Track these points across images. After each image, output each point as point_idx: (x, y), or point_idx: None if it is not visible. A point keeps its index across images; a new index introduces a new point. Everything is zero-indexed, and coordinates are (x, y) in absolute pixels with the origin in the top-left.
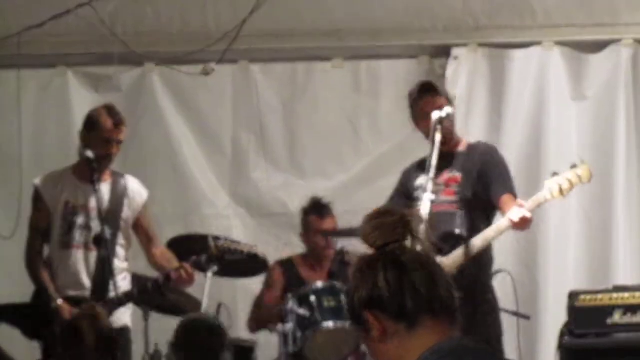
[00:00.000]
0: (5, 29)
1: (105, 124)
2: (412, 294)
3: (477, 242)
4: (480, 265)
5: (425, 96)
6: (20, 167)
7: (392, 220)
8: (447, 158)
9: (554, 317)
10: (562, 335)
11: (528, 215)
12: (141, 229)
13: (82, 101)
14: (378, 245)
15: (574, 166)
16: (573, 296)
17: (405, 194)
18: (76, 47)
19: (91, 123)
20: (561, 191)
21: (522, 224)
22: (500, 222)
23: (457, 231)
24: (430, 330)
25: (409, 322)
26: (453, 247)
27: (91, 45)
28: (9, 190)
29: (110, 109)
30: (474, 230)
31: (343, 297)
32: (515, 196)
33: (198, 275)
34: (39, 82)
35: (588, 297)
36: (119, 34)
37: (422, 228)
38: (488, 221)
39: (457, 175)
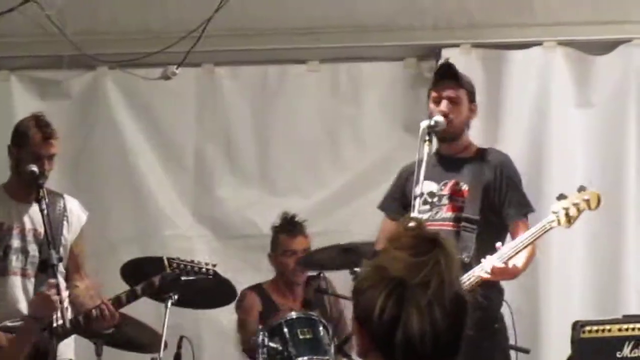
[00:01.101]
0: None
1: (33, 138)
2: (403, 340)
3: (465, 280)
4: (489, 293)
5: (441, 80)
6: None
7: (423, 261)
8: (453, 164)
9: (556, 351)
10: None
11: (498, 265)
12: (72, 256)
13: (26, 109)
14: (395, 276)
15: (581, 189)
16: (578, 327)
17: (403, 198)
18: (20, 49)
19: (19, 137)
20: (569, 219)
21: (498, 276)
22: (474, 270)
23: (459, 256)
24: None
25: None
26: None
27: (37, 46)
28: None
29: (38, 120)
30: (479, 255)
31: (320, 329)
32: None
33: (157, 305)
34: None
35: (595, 327)
36: (68, 33)
37: (451, 269)
38: (491, 245)
39: (464, 188)
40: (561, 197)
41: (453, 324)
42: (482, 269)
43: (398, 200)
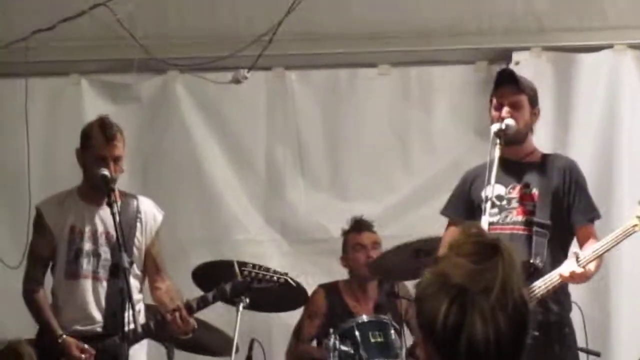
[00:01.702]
0: (12, 33)
1: (96, 140)
2: (467, 347)
3: (540, 284)
4: (560, 298)
5: (501, 86)
6: (28, 188)
7: (485, 267)
8: (518, 168)
9: (626, 354)
10: None
11: (578, 270)
12: (150, 257)
13: (96, 113)
14: (456, 283)
15: None
16: None
17: (468, 202)
18: (91, 53)
19: (84, 139)
20: None
21: (575, 280)
22: (552, 274)
23: (532, 260)
24: None
25: None
26: (528, 278)
27: (107, 50)
28: (16, 215)
29: (102, 122)
30: (550, 261)
31: (392, 332)
32: (593, 222)
33: (228, 309)
34: (48, 92)
35: None
36: (139, 37)
37: (511, 276)
38: (564, 252)
39: (534, 192)
40: None
41: (516, 330)
42: (561, 273)
43: (462, 205)
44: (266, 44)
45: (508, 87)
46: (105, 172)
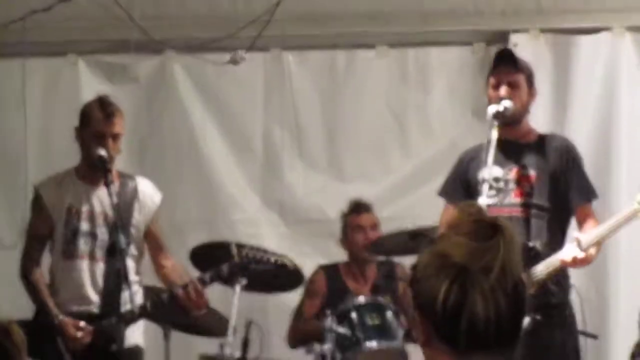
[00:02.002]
0: (8, 14)
1: (96, 117)
2: (469, 331)
3: (541, 268)
4: (560, 281)
5: (500, 66)
6: (26, 168)
7: (485, 246)
8: (515, 149)
9: (624, 336)
10: (633, 356)
11: (580, 255)
12: (151, 237)
13: (93, 93)
14: (457, 262)
15: None
16: None
17: (465, 183)
18: (88, 33)
19: (83, 117)
20: None
21: (577, 264)
22: (552, 258)
23: (531, 244)
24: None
25: (457, 351)
26: (528, 262)
27: (105, 30)
28: (13, 195)
29: (101, 100)
30: (549, 244)
31: (389, 314)
32: (590, 202)
33: (225, 290)
34: (46, 72)
35: None
36: (136, 18)
37: (511, 254)
38: (562, 234)
39: (532, 173)
40: None
41: (515, 309)
42: (562, 259)
43: (459, 186)
44: (264, 24)
45: (506, 66)
46: (103, 152)
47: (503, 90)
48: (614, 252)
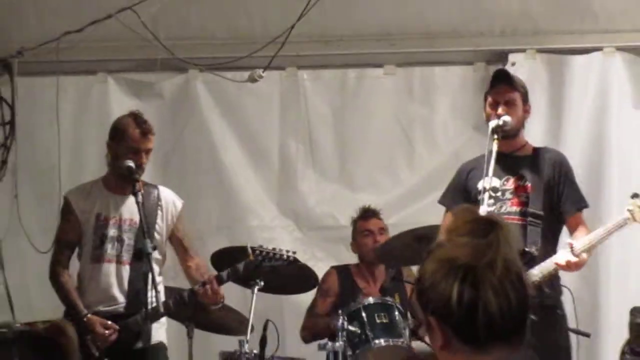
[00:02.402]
0: (44, 35)
1: (132, 134)
2: (485, 320)
3: (536, 272)
4: (553, 282)
5: (497, 85)
6: (59, 178)
7: (486, 220)
8: (512, 161)
9: (615, 335)
10: (623, 353)
11: (573, 259)
12: (176, 240)
13: (123, 109)
14: (463, 262)
15: None
16: (635, 312)
17: (464, 192)
18: (117, 53)
19: (118, 133)
20: None
21: (571, 268)
22: (547, 262)
23: (528, 249)
24: (499, 353)
25: (478, 347)
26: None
27: (132, 50)
28: (47, 203)
29: (136, 117)
30: (543, 249)
31: (396, 314)
32: (581, 211)
33: (244, 291)
34: (78, 89)
35: None
36: (162, 39)
37: (510, 249)
38: (555, 240)
39: (527, 184)
40: (635, 195)
41: (522, 299)
42: (557, 262)
43: (459, 196)
44: (280, 45)
45: (503, 85)
46: (131, 163)
47: (501, 109)
48: (605, 255)
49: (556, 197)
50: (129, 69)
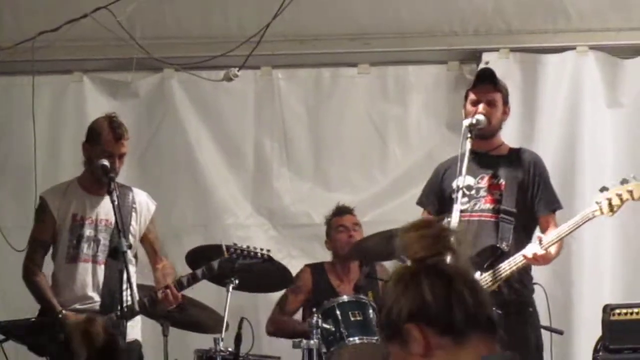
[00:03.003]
0: (20, 34)
1: (106, 138)
2: (461, 307)
3: (504, 266)
4: (523, 279)
5: (481, 83)
6: (35, 178)
7: (434, 232)
8: (488, 160)
9: (588, 332)
10: (596, 350)
11: (540, 252)
12: (147, 242)
13: (98, 108)
14: (419, 257)
15: (624, 181)
16: (608, 310)
17: (440, 192)
18: (93, 52)
19: (93, 135)
20: (611, 208)
21: (538, 261)
22: (516, 256)
23: (498, 245)
24: (478, 344)
25: (457, 336)
26: (494, 262)
27: (108, 50)
28: (23, 202)
29: (112, 121)
30: (515, 246)
31: (370, 311)
32: (554, 213)
33: (219, 290)
34: (53, 89)
35: (624, 310)
36: (137, 38)
37: (461, 243)
38: (528, 238)
39: (501, 182)
40: (603, 189)
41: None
42: (524, 254)
43: (434, 196)
44: (255, 44)
45: (487, 85)
46: (105, 162)
47: (481, 107)
48: (578, 252)
49: (530, 198)
50: (105, 69)
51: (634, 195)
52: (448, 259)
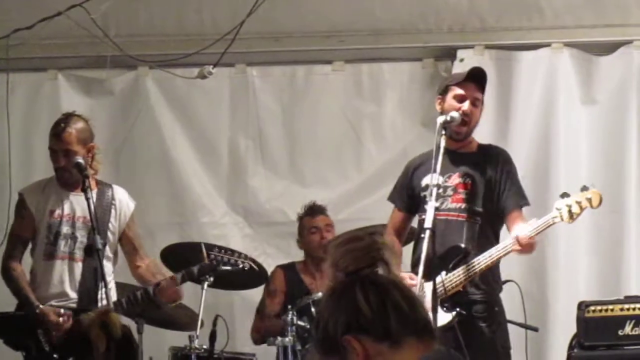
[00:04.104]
0: None
1: (49, 135)
2: (396, 314)
3: (482, 260)
4: (488, 279)
5: (470, 81)
6: (10, 174)
7: (363, 245)
8: (456, 158)
9: (563, 329)
10: (571, 347)
11: (526, 237)
12: (127, 240)
13: (73, 106)
14: (350, 270)
15: (584, 189)
16: (583, 307)
17: (410, 190)
18: (67, 50)
19: None
20: (571, 215)
21: (528, 248)
22: (506, 242)
23: (464, 245)
24: (415, 349)
25: (393, 342)
26: (458, 262)
27: (83, 47)
28: None
29: (59, 119)
30: (480, 245)
31: None
32: (521, 209)
33: (194, 287)
34: (28, 86)
35: (598, 307)
36: (112, 36)
37: (391, 254)
38: (495, 236)
39: (468, 181)
40: (564, 195)
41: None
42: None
43: (405, 193)
44: (229, 42)
45: (476, 84)
46: (80, 159)
47: (467, 105)
48: (553, 249)
49: (497, 195)
50: (79, 66)
51: (592, 203)
52: (380, 270)
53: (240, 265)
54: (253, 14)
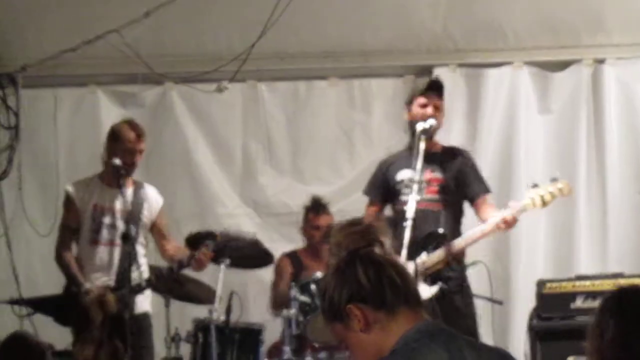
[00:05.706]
0: (43, 53)
1: (128, 136)
2: (391, 286)
3: (460, 242)
4: (459, 259)
5: (430, 91)
6: (57, 174)
7: (362, 229)
8: (427, 158)
9: (524, 303)
10: (531, 318)
11: (512, 217)
12: (157, 229)
13: (110, 116)
14: (351, 249)
15: (554, 180)
16: (540, 284)
17: (385, 185)
18: (105, 68)
19: (115, 135)
20: (544, 202)
21: (510, 225)
22: (489, 223)
23: (441, 230)
24: (407, 316)
25: (389, 310)
26: (437, 246)
27: (118, 66)
28: (47, 195)
29: (131, 123)
30: (452, 229)
31: None
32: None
33: (213, 267)
34: (72, 100)
35: (554, 284)
36: (143, 56)
37: (386, 236)
38: (458, 222)
39: (439, 175)
40: (535, 186)
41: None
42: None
43: (379, 186)
44: (242, 61)
45: (435, 93)
46: (118, 161)
47: (430, 109)
48: (515, 231)
49: (463, 185)
50: (115, 82)
51: (563, 192)
52: (376, 249)
53: (247, 239)
54: (262, 37)
